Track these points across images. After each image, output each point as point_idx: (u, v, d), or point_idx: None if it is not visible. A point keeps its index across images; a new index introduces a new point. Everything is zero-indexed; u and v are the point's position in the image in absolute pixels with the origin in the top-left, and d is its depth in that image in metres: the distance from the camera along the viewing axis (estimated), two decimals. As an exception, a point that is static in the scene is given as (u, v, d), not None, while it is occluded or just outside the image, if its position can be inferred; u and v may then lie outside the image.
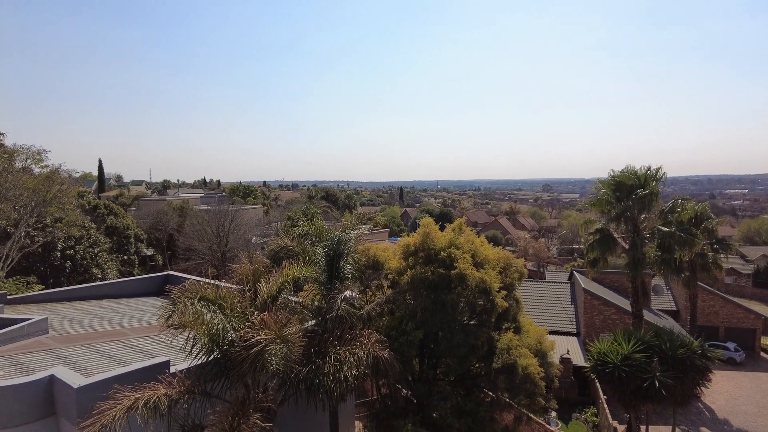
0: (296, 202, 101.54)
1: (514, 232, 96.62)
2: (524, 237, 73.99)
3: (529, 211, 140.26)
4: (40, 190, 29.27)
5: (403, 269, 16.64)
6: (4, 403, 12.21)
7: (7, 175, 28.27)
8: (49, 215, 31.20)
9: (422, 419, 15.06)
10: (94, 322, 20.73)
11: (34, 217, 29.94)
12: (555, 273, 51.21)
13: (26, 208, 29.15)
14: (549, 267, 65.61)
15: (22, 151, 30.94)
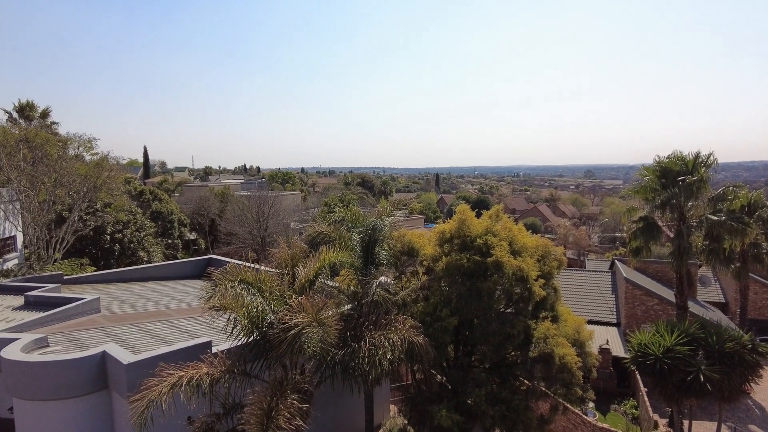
0: (333, 188, 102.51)
1: (553, 219, 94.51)
2: (564, 224, 72.32)
3: (570, 197, 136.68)
4: (91, 177, 30.68)
5: (438, 256, 16.60)
6: (64, 375, 13.03)
7: (62, 163, 29.76)
8: (99, 200, 32.70)
9: (457, 405, 15.09)
10: (141, 303, 21.73)
11: (86, 202, 31.44)
12: (595, 262, 49.85)
13: (79, 193, 30.65)
14: (589, 255, 63.95)
15: (74, 139, 32.48)
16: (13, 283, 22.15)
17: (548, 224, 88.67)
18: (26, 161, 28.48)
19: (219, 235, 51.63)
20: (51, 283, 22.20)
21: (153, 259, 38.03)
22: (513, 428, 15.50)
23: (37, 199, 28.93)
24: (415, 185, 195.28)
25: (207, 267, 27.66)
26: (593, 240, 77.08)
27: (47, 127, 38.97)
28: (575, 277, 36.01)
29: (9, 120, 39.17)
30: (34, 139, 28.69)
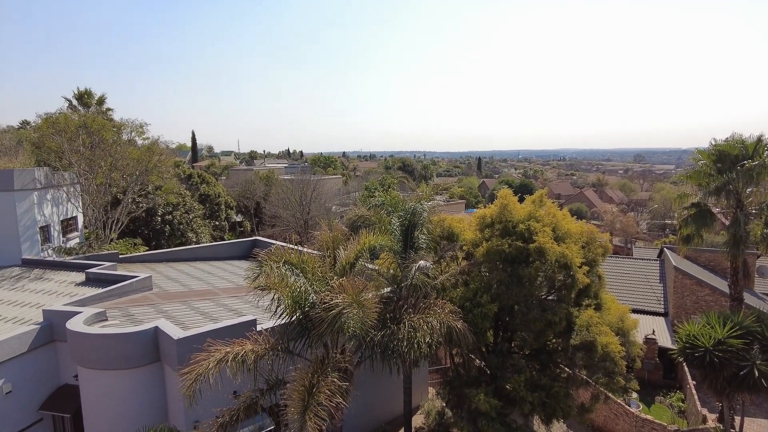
0: (373, 172, 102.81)
1: (600, 205, 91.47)
2: (611, 210, 69.91)
3: (618, 183, 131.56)
4: (143, 160, 32.06)
5: (478, 241, 16.48)
6: (121, 347, 13.90)
7: (116, 147, 31.23)
8: (151, 183, 34.16)
9: (495, 390, 15.10)
10: (190, 282, 22.73)
11: (139, 185, 32.94)
12: (643, 249, 47.97)
13: (132, 176, 32.13)
14: (637, 243, 61.69)
15: (127, 124, 33.99)
16: (76, 261, 23.62)
17: (594, 210, 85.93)
18: (85, 146, 30.06)
19: (264, 217, 53.00)
20: (108, 261, 23.53)
21: (201, 240, 39.52)
22: (552, 415, 15.40)
23: (95, 182, 30.56)
24: (456, 169, 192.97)
25: (252, 248, 28.60)
26: (641, 227, 74.17)
27: (103, 114, 40.86)
28: (621, 265, 34.91)
29: (69, 107, 41.29)
30: (91, 125, 30.20)
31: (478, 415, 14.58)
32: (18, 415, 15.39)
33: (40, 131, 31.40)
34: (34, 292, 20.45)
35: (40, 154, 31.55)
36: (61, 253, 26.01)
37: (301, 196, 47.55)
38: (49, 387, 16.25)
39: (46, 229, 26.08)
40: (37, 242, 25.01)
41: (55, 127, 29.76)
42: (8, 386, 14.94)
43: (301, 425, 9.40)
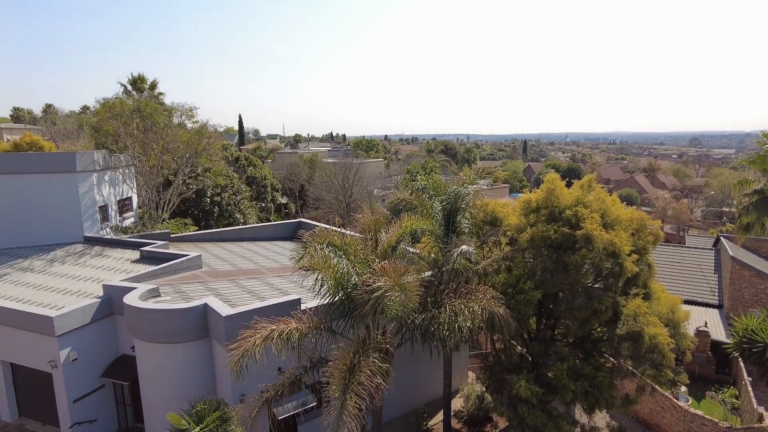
0: (415, 155, 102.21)
1: (651, 191, 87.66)
2: (663, 197, 66.91)
3: (672, 168, 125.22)
4: (192, 143, 33.13)
5: (523, 227, 16.17)
6: (174, 322, 14.62)
7: (167, 130, 32.39)
8: (200, 165, 35.31)
9: (536, 377, 14.94)
10: (237, 261, 23.51)
11: (189, 167, 34.13)
12: (697, 238, 45.66)
13: (182, 159, 33.30)
14: (690, 231, 58.84)
15: (177, 108, 35.10)
16: (131, 239, 24.89)
17: (645, 196, 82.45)
18: (139, 129, 31.35)
19: (308, 199, 53.92)
20: (160, 240, 24.66)
21: (248, 220, 40.66)
22: (595, 405, 15.11)
23: (148, 164, 31.89)
24: (500, 153, 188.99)
25: (297, 230, 29.15)
26: (696, 214, 70.60)
27: (155, 98, 42.35)
28: (673, 254, 33.45)
29: (124, 92, 43.04)
30: (144, 109, 31.41)
31: (519, 401, 14.50)
32: (83, 380, 16.55)
33: (98, 116, 32.94)
34: (94, 267, 21.74)
35: (99, 137, 33.13)
36: (118, 232, 27.45)
37: (344, 180, 48.00)
38: (110, 356, 17.34)
39: (104, 209, 27.53)
40: (96, 221, 26.47)
41: (111, 112, 31.15)
42: (74, 354, 16.06)
43: (341, 403, 9.65)
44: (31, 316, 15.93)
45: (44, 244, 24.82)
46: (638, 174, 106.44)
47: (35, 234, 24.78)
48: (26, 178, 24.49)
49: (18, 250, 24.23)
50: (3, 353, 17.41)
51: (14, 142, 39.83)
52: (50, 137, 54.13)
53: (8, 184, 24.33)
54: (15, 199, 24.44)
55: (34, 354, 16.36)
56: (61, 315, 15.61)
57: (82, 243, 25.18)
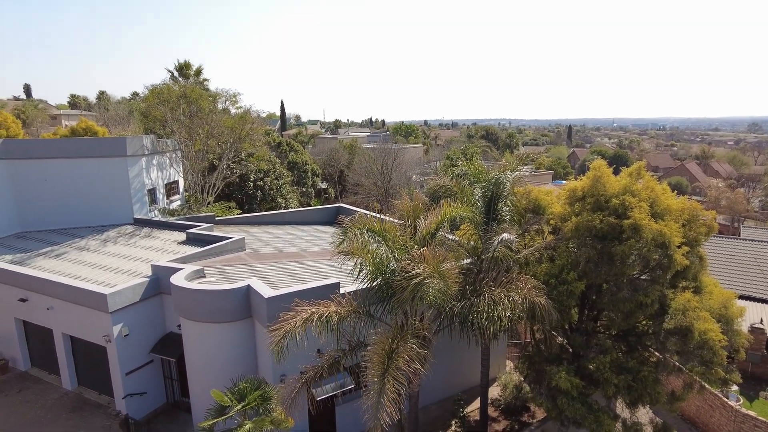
0: (455, 141, 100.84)
1: (704, 179, 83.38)
2: (716, 186, 63.52)
3: (727, 155, 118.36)
4: (236, 128, 33.84)
5: (567, 215, 15.72)
6: (218, 302, 15.11)
7: (212, 116, 33.19)
8: (243, 150, 36.07)
9: (577, 369, 14.64)
10: (279, 244, 24.00)
11: (233, 152, 34.92)
12: (754, 230, 43.17)
13: (226, 143, 34.10)
14: (746, 222, 55.73)
15: (222, 94, 35.87)
16: (178, 221, 25.80)
17: (696, 185, 78.58)
18: (185, 115, 32.26)
19: (347, 185, 54.30)
20: (206, 222, 25.45)
21: (289, 205, 41.37)
22: (638, 400, 14.68)
23: (194, 148, 32.84)
24: (543, 138, 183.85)
25: (337, 215, 29.49)
26: (753, 205, 66.71)
27: (200, 84, 43.38)
28: (727, 246, 31.84)
29: (171, 78, 44.29)
30: (190, 95, 32.25)
31: (558, 392, 14.27)
32: (134, 355, 17.42)
33: (147, 102, 34.09)
34: (143, 248, 22.71)
35: (147, 122, 34.34)
36: (165, 214, 28.51)
37: (383, 165, 47.99)
38: (158, 333, 18.15)
39: (152, 192, 28.62)
40: (145, 203, 27.57)
41: (159, 98, 32.17)
42: (126, 329, 16.90)
43: (380, 387, 9.74)
44: (87, 293, 16.84)
45: (98, 224, 26.09)
46: (689, 161, 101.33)
47: (90, 215, 26.06)
48: (82, 162, 25.72)
49: (75, 230, 25.58)
50: (64, 326, 18.53)
51: (72, 128, 41.87)
52: (103, 123, 56.56)
53: (66, 167, 25.62)
54: (72, 182, 25.73)
55: (91, 328, 17.33)
56: (114, 293, 16.43)
57: (132, 224, 26.32)
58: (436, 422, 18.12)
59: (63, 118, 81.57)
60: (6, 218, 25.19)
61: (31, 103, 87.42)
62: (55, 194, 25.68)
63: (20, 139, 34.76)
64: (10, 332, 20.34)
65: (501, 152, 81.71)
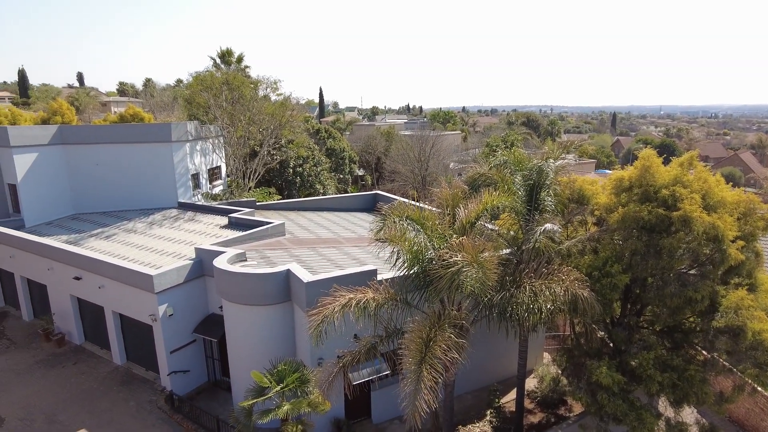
0: (494, 128, 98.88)
1: (759, 170, 78.91)
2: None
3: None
4: (277, 115, 34.28)
5: (613, 206, 15.18)
6: (259, 285, 15.46)
7: (253, 102, 33.71)
8: (284, 137, 36.54)
9: (618, 365, 14.24)
10: (317, 230, 24.29)
11: (273, 139, 35.44)
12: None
13: (267, 130, 34.62)
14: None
15: (263, 81, 36.32)
16: (220, 206, 26.47)
17: (751, 176, 74.44)
18: (227, 102, 32.89)
19: (384, 172, 54.29)
20: (247, 207, 26.01)
21: (327, 191, 41.79)
22: (684, 399, 14.14)
23: (236, 134, 33.50)
24: (586, 126, 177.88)
25: (373, 202, 29.59)
26: (817, 198, 62.69)
27: (241, 71, 44.05)
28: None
29: (213, 65, 45.18)
30: (233, 81, 32.82)
31: (598, 388, 13.92)
32: (178, 334, 18.10)
33: (191, 88, 34.92)
34: (187, 231, 23.45)
35: (191, 109, 35.20)
36: (208, 199, 29.31)
37: (420, 152, 47.65)
38: (200, 314, 18.78)
39: (196, 177, 29.45)
40: (189, 188, 28.40)
41: (202, 84, 32.89)
42: (170, 309, 17.56)
43: (418, 375, 9.76)
44: (135, 273, 17.57)
45: (145, 208, 27.09)
46: (744, 151, 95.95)
47: (137, 198, 27.09)
48: (130, 147, 26.68)
49: (123, 213, 26.67)
50: (114, 305, 19.43)
51: (120, 114, 43.43)
52: (149, 109, 58.40)
53: (115, 152, 26.65)
54: (121, 166, 26.77)
55: (138, 307, 18.11)
56: (160, 274, 17.06)
57: (177, 208, 27.19)
58: (470, 411, 18.08)
59: (112, 105, 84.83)
60: (62, 201, 26.51)
61: (84, 91, 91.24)
62: (105, 178, 26.81)
63: (74, 125, 36.35)
64: (67, 308, 21.52)
65: (542, 140, 79.71)
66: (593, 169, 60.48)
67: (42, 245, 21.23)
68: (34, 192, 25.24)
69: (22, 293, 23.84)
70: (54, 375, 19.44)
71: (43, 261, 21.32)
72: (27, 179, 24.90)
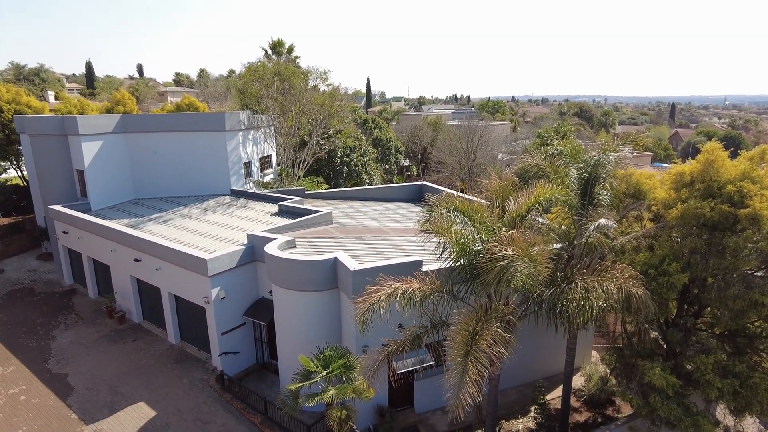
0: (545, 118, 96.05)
1: (840, 166, 72.68)
2: None
3: None
4: (326, 106, 34.65)
5: (672, 202, 14.47)
6: (307, 272, 15.81)
7: (303, 93, 34.20)
8: (332, 127, 36.94)
9: (673, 367, 13.67)
10: (363, 219, 24.51)
11: (322, 129, 35.90)
12: None
13: (316, 120, 35.09)
14: None
15: (313, 71, 36.75)
16: (271, 194, 27.16)
17: (831, 172, 68.66)
18: (278, 92, 33.53)
19: (430, 162, 53.96)
20: (296, 196, 26.57)
21: (373, 181, 42.02)
22: (746, 408, 13.43)
23: (286, 124, 34.14)
24: (643, 117, 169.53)
25: (419, 192, 29.53)
26: None
27: (292, 61, 44.74)
28: None
29: (265, 56, 46.11)
30: (284, 72, 33.41)
31: (651, 389, 13.44)
32: (229, 317, 18.81)
33: (244, 79, 35.80)
34: (239, 217, 24.22)
35: (243, 99, 36.12)
36: (259, 187, 30.12)
37: (467, 143, 46.92)
38: (251, 298, 19.42)
39: (248, 165, 30.30)
40: (241, 176, 29.29)
41: (255, 75, 33.64)
42: (222, 293, 18.25)
43: (463, 368, 9.72)
44: (190, 257, 18.35)
45: (199, 194, 28.17)
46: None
47: (192, 185, 28.21)
48: (186, 136, 27.75)
49: (179, 199, 27.84)
50: (169, 286, 20.41)
51: (176, 104, 45.22)
52: (203, 99, 60.39)
53: (172, 140, 27.79)
54: (177, 154, 27.90)
55: (192, 290, 18.92)
56: (213, 258, 17.75)
57: (230, 195, 28.12)
58: (514, 406, 17.88)
59: (169, 95, 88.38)
60: (124, 186, 27.97)
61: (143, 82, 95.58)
62: (163, 165, 28.05)
63: (135, 115, 38.16)
64: (127, 288, 22.80)
65: (595, 131, 76.77)
66: (649, 163, 57.71)
67: (106, 228, 22.52)
68: (99, 177, 26.75)
69: (88, 272, 25.43)
70: (116, 350, 20.69)
71: (106, 243, 22.65)
72: (93, 165, 26.39)
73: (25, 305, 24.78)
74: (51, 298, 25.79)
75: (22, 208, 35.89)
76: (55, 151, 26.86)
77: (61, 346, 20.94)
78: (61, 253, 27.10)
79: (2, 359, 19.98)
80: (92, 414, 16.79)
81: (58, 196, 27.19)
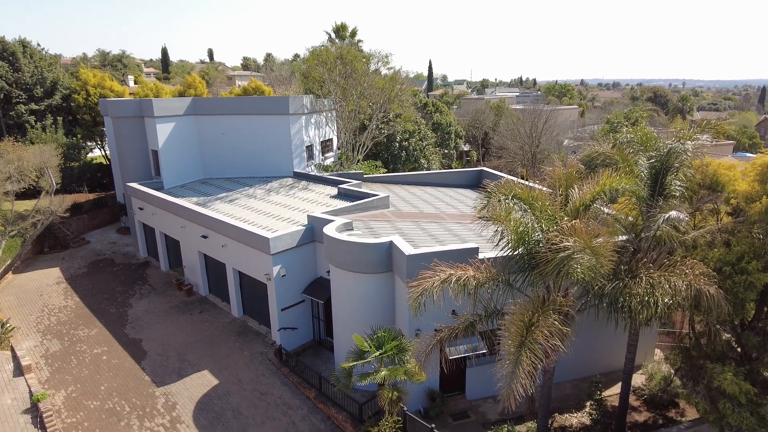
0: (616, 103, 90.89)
1: None
2: None
3: None
4: (386, 89, 34.64)
5: (755, 195, 13.37)
6: (364, 254, 16.10)
7: (365, 77, 34.34)
8: (392, 111, 36.92)
9: (748, 373, 12.79)
10: (420, 204, 24.50)
11: (382, 113, 35.98)
12: None
13: (376, 104, 35.19)
14: None
15: (374, 55, 36.76)
16: (331, 176, 27.72)
17: None
18: (340, 76, 33.87)
19: (491, 148, 52.80)
20: (355, 179, 26.96)
21: (431, 166, 41.76)
22: (830, 420, 12.39)
23: (347, 108, 34.50)
24: (726, 102, 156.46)
25: (478, 178, 29.07)
26: None
27: (355, 45, 44.92)
28: None
29: (328, 40, 46.60)
30: (346, 56, 33.65)
31: (720, 395, 12.67)
32: (289, 294, 19.55)
33: (307, 63, 36.42)
34: (300, 199, 24.93)
35: (307, 83, 36.78)
36: (320, 169, 30.80)
37: (531, 128, 45.41)
38: (309, 277, 20.06)
39: (310, 148, 31.03)
40: (303, 159, 30.05)
41: (318, 59, 34.14)
42: (283, 270, 18.97)
43: (516, 358, 9.60)
44: (253, 235, 19.16)
45: (264, 176, 29.22)
46: None
47: (257, 167, 29.31)
48: (252, 119, 28.78)
49: (245, 179, 29.03)
50: (234, 262, 21.45)
51: (243, 87, 46.79)
52: (269, 83, 62.10)
53: (239, 123, 28.93)
54: (243, 136, 29.04)
55: (255, 267, 19.79)
56: (276, 237, 18.44)
57: (292, 177, 28.97)
58: (569, 400, 17.46)
59: (237, 79, 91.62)
60: (194, 166, 29.52)
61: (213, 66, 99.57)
62: (230, 146, 29.31)
63: (205, 98, 39.93)
64: (195, 263, 24.19)
65: (670, 118, 71.82)
66: (731, 152, 53.37)
67: (177, 205, 23.92)
68: (171, 157, 28.38)
69: (160, 246, 27.22)
70: (184, 320, 22.11)
71: (177, 219, 24.09)
72: (166, 146, 28.01)
73: (106, 275, 26.95)
74: (128, 269, 27.86)
75: (105, 184, 38.79)
76: (134, 132, 28.74)
77: (137, 314, 22.66)
78: (137, 228, 29.13)
79: (88, 322, 21.92)
80: (162, 378, 18.11)
81: (135, 175, 29.14)
